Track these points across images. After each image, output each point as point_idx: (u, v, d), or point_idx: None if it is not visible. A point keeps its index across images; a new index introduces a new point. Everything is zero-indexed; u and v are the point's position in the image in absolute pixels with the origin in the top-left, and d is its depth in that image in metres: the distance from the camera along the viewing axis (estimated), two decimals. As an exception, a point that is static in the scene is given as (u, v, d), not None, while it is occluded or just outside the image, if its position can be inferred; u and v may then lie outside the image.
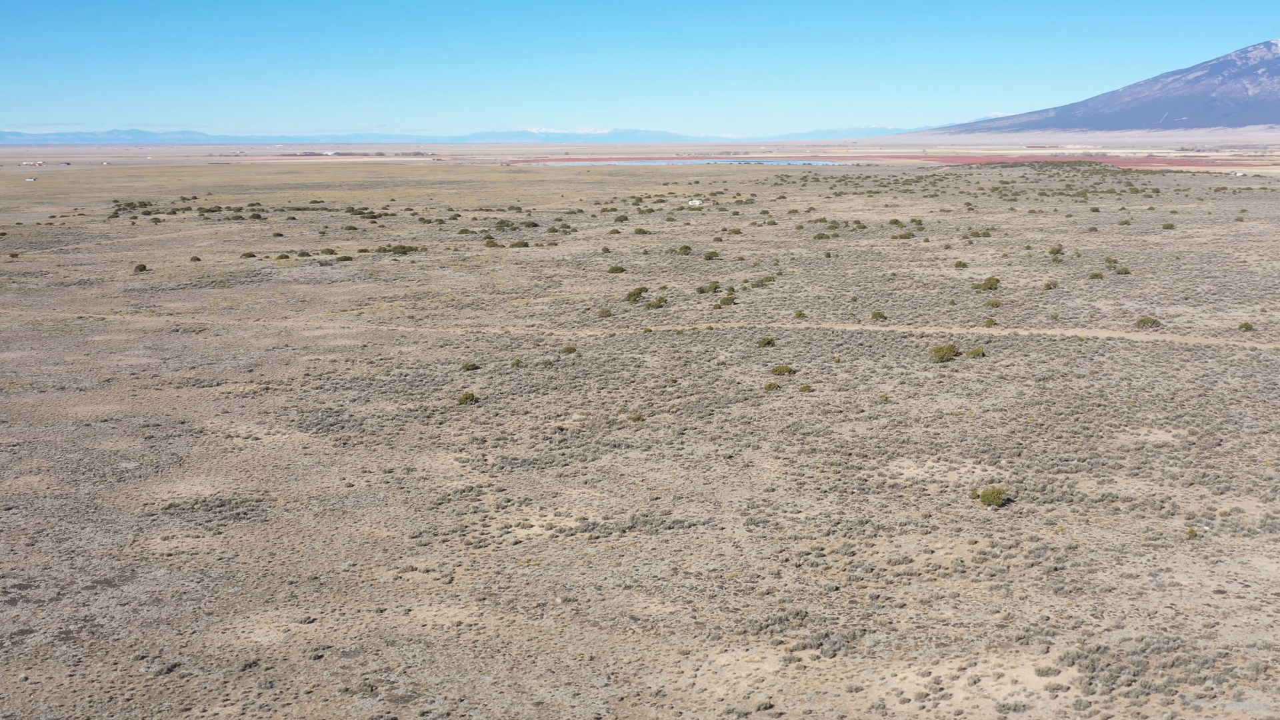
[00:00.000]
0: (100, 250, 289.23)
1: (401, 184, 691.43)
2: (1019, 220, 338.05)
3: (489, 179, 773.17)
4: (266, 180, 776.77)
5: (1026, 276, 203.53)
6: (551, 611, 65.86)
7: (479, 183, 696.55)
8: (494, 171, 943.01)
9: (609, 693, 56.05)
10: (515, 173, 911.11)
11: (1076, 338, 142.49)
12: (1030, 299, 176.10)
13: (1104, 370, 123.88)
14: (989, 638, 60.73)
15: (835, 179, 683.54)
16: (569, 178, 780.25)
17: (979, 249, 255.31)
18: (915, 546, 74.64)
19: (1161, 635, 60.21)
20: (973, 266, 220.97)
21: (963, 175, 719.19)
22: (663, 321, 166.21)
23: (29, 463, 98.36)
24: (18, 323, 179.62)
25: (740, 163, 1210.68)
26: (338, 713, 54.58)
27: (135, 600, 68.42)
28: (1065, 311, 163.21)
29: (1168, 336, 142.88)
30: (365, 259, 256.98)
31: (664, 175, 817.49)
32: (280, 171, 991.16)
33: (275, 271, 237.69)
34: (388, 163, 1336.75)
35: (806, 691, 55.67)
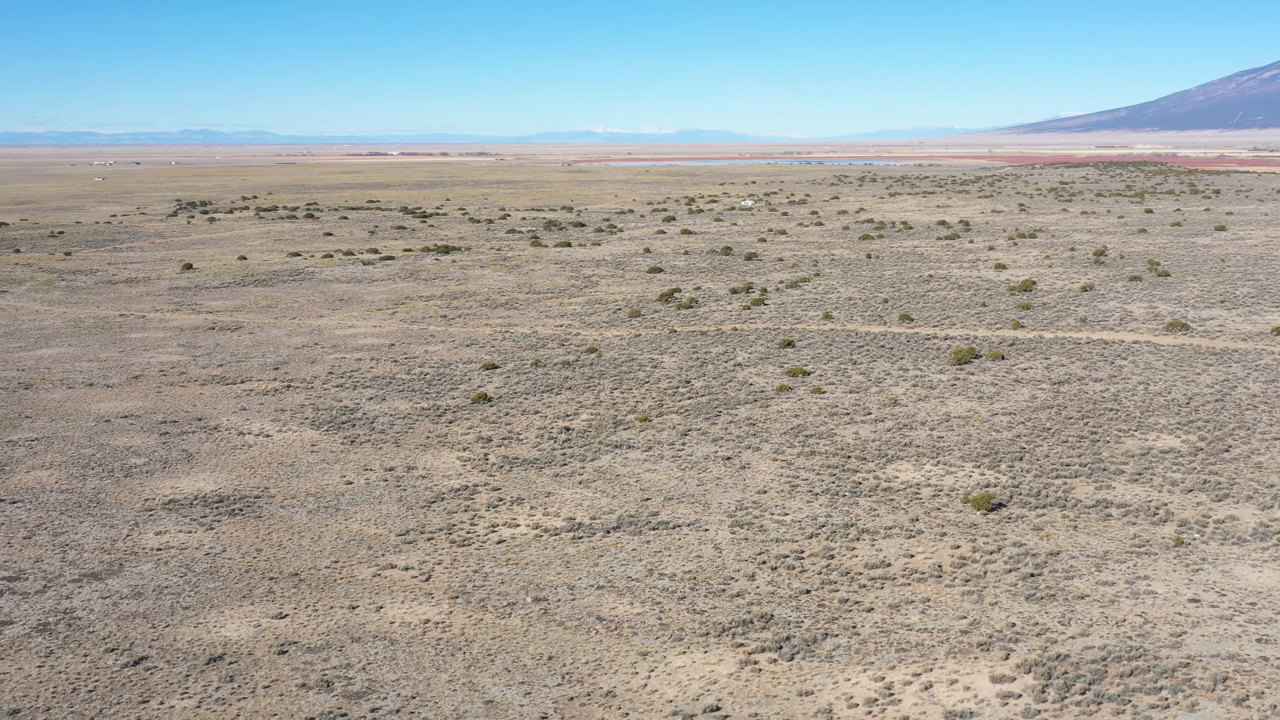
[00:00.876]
0: (153, 249, 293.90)
1: (459, 184, 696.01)
2: (1069, 221, 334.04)
3: (547, 179, 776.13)
4: (328, 180, 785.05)
5: (1064, 279, 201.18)
6: (520, 611, 66.24)
7: (536, 183, 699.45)
8: (553, 171, 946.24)
9: (560, 692, 56.32)
10: (574, 173, 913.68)
11: (1102, 341, 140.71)
12: (1063, 301, 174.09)
13: (1123, 374, 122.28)
14: (950, 644, 60.29)
15: (893, 179, 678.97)
16: (627, 178, 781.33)
17: (1022, 250, 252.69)
18: (896, 550, 74.21)
19: (1126, 644, 59.47)
20: (1012, 268, 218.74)
21: (1023, 176, 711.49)
22: (690, 322, 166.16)
23: (43, 457, 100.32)
24: (61, 320, 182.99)
25: (802, 163, 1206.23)
26: (290, 707, 55.29)
27: (117, 594, 69.65)
28: (1096, 314, 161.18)
29: (1196, 340, 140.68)
30: (408, 258, 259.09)
31: (723, 175, 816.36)
32: (343, 171, 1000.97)
33: (318, 270, 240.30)
34: (450, 162, 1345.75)
35: (756, 695, 55.59)
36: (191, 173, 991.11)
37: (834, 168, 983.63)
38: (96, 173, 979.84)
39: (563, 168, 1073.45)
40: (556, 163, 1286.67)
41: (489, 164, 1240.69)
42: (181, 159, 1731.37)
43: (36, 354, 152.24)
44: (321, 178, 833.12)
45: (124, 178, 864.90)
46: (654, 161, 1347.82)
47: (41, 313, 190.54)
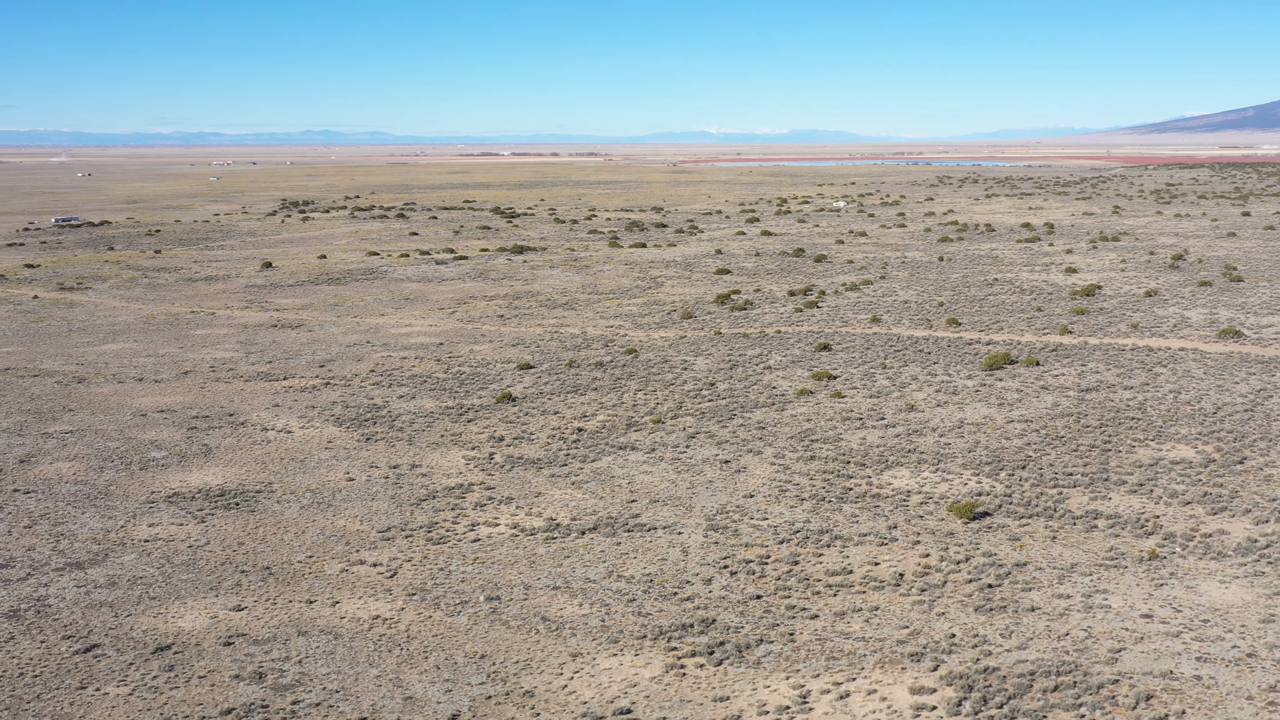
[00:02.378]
0: (242, 247, 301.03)
1: (560, 184, 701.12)
2: (1160, 224, 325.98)
3: (649, 179, 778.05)
4: (433, 180, 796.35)
5: (1132, 283, 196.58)
6: (470, 609, 67.03)
7: (637, 183, 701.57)
8: (657, 172, 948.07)
9: (481, 690, 56.97)
10: (678, 173, 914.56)
11: (1147, 348, 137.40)
12: (1122, 307, 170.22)
13: (1156, 382, 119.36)
14: (883, 653, 59.70)
15: (995, 181, 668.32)
16: (729, 178, 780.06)
17: (1100, 254, 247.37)
18: (863, 558, 73.57)
19: (1061, 658, 58.34)
20: (1083, 272, 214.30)
21: (1131, 177, 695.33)
22: (740, 324, 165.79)
23: (70, 450, 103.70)
24: (134, 316, 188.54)
25: (910, 163, 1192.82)
26: (217, 697, 56.72)
27: (93, 583, 71.92)
28: (1151, 320, 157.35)
29: (1246, 348, 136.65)
30: (481, 258, 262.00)
31: (826, 176, 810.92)
32: (450, 171, 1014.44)
33: (391, 269, 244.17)
34: (557, 163, 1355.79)
35: (672, 699, 55.67)
36: (304, 172, 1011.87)
37: (941, 169, 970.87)
38: (212, 172, 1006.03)
39: (667, 168, 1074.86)
40: (662, 163, 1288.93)
41: (595, 164, 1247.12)
42: (298, 159, 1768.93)
43: (100, 349, 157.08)
44: (427, 178, 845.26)
45: (238, 177, 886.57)
46: (761, 162, 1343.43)
47: (118, 309, 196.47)
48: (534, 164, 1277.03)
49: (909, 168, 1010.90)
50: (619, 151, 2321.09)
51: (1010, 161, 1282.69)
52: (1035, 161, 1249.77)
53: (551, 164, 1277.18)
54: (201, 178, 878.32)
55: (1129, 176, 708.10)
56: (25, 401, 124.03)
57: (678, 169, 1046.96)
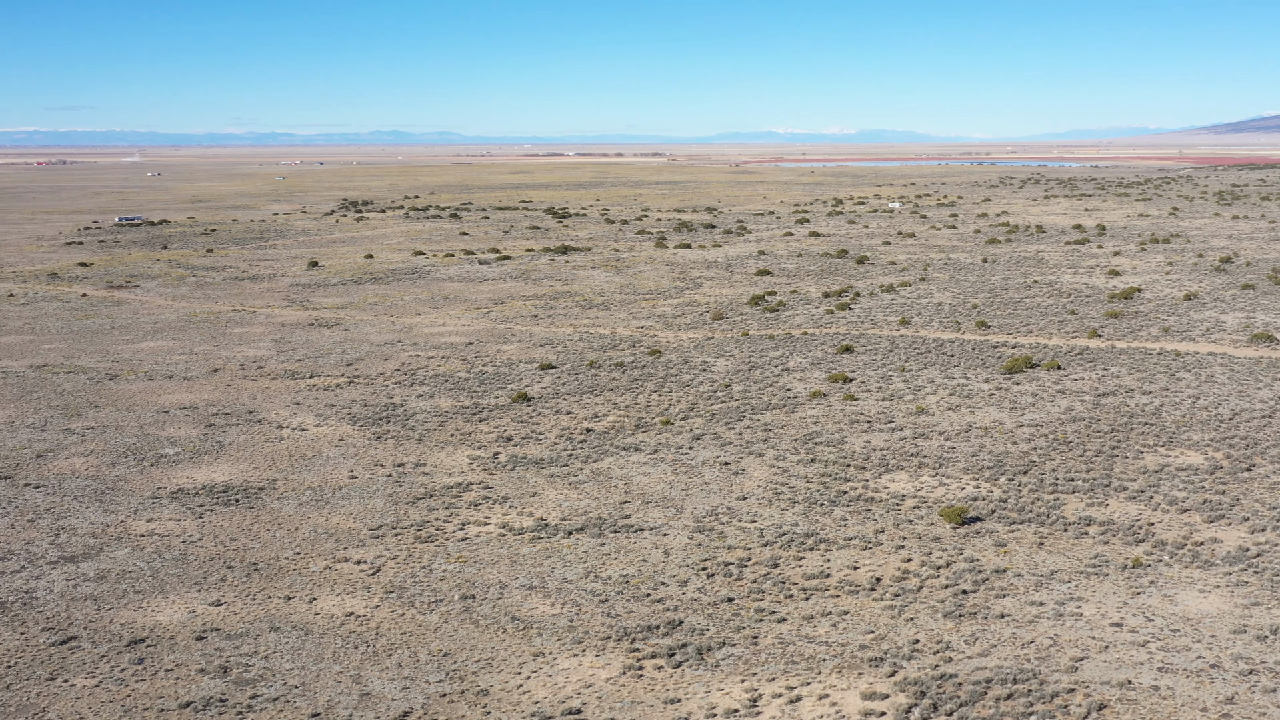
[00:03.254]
0: (293, 246, 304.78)
1: (618, 184, 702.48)
2: (1215, 226, 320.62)
3: (709, 179, 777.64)
4: (494, 180, 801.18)
5: (1174, 286, 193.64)
6: (443, 608, 67.61)
7: (696, 183, 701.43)
8: (718, 172, 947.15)
9: (437, 688, 57.49)
10: (738, 173, 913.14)
11: (1175, 352, 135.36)
12: (1158, 310, 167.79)
13: (1177, 387, 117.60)
14: (843, 658, 59.49)
15: (1057, 182, 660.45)
16: (789, 179, 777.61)
17: (1148, 256, 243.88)
18: (844, 562, 73.29)
19: (1021, 666, 57.80)
20: (1126, 275, 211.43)
21: (1198, 178, 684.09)
22: (770, 325, 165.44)
23: (88, 445, 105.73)
24: (176, 314, 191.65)
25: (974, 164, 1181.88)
26: (179, 690, 57.71)
27: (82, 576, 73.36)
28: (1184, 324, 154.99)
29: (1276, 353, 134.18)
30: (525, 258, 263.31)
31: (887, 177, 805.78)
32: (513, 171, 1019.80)
33: (434, 269, 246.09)
34: (621, 163, 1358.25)
35: (623, 700, 55.85)
36: (368, 172, 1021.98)
37: (1005, 169, 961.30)
38: (278, 172, 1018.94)
39: (730, 168, 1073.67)
40: (726, 163, 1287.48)
41: (657, 165, 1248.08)
42: (365, 159, 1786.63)
43: (138, 346, 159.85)
44: (489, 178, 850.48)
45: (303, 177, 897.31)
46: (825, 162, 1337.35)
47: (163, 307, 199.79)
48: (597, 164, 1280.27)
49: (973, 168, 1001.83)
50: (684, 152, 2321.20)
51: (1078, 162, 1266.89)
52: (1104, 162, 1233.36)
53: (614, 164, 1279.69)
54: (267, 178, 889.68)
55: (1195, 177, 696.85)
56: (55, 397, 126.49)
57: (739, 169, 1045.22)
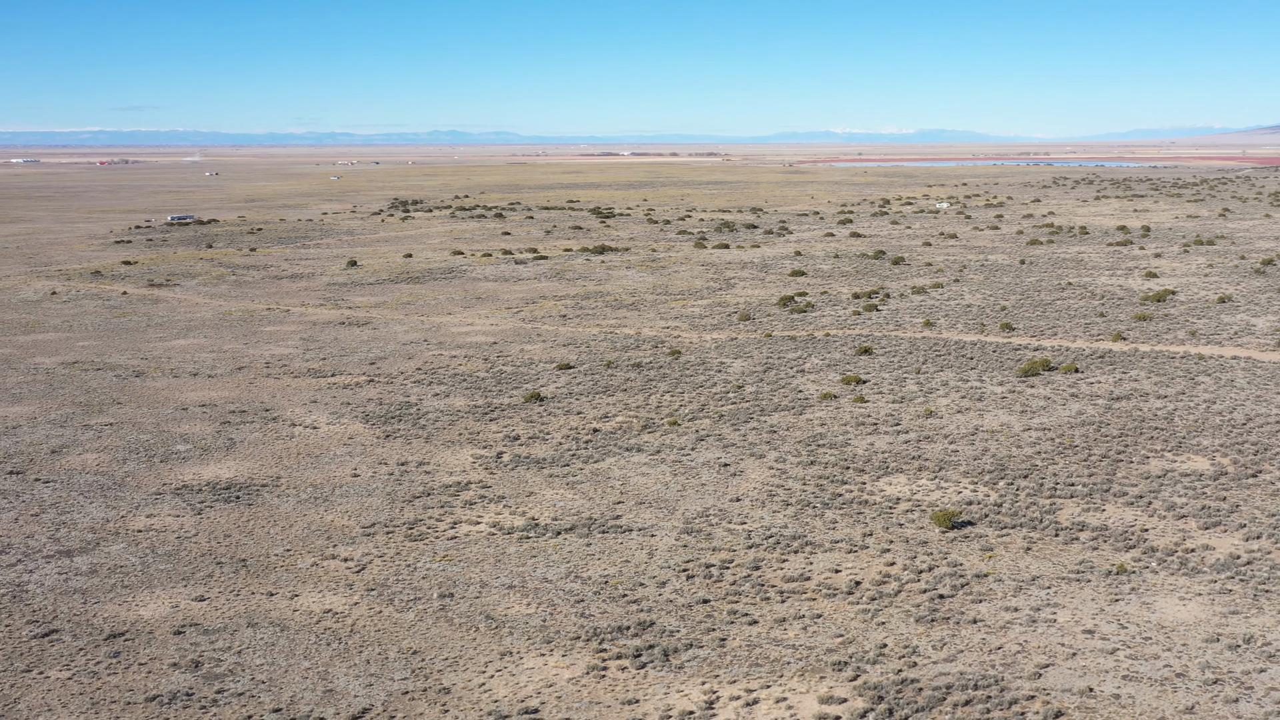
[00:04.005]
0: (336, 246, 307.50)
1: (669, 184, 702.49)
2: (1264, 228, 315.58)
3: (760, 179, 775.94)
4: (546, 180, 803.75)
5: (1209, 289, 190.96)
6: (420, 606, 68.14)
7: (746, 184, 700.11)
8: (771, 172, 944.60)
9: (400, 686, 57.98)
10: (791, 173, 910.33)
11: (1198, 355, 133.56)
12: (1189, 313, 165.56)
13: (1194, 391, 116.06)
14: (807, 662, 59.34)
15: (1111, 182, 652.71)
16: (840, 179, 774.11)
17: (1189, 258, 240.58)
18: (826, 565, 73.06)
19: (984, 672, 57.39)
20: (1163, 277, 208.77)
21: (1256, 179, 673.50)
22: (796, 326, 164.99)
23: (103, 441, 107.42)
24: (212, 312, 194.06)
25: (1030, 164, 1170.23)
26: (148, 684, 58.60)
27: (75, 571, 74.60)
28: (1213, 327, 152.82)
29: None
30: (562, 258, 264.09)
31: (940, 177, 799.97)
32: (565, 171, 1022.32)
33: (470, 269, 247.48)
34: (674, 163, 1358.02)
35: (582, 700, 56.06)
36: (422, 172, 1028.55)
37: (1061, 169, 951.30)
38: (334, 172, 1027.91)
39: (783, 168, 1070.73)
40: (779, 163, 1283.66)
41: (711, 165, 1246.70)
42: (421, 159, 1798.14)
43: (170, 344, 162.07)
44: (542, 177, 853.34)
45: (357, 177, 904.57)
46: (880, 163, 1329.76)
47: (199, 305, 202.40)
48: (650, 164, 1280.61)
49: (1028, 169, 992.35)
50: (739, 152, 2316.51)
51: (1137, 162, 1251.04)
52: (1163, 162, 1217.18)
53: (668, 164, 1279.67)
54: (323, 177, 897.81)
55: (1254, 178, 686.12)
56: (80, 394, 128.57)
57: (792, 169, 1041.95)
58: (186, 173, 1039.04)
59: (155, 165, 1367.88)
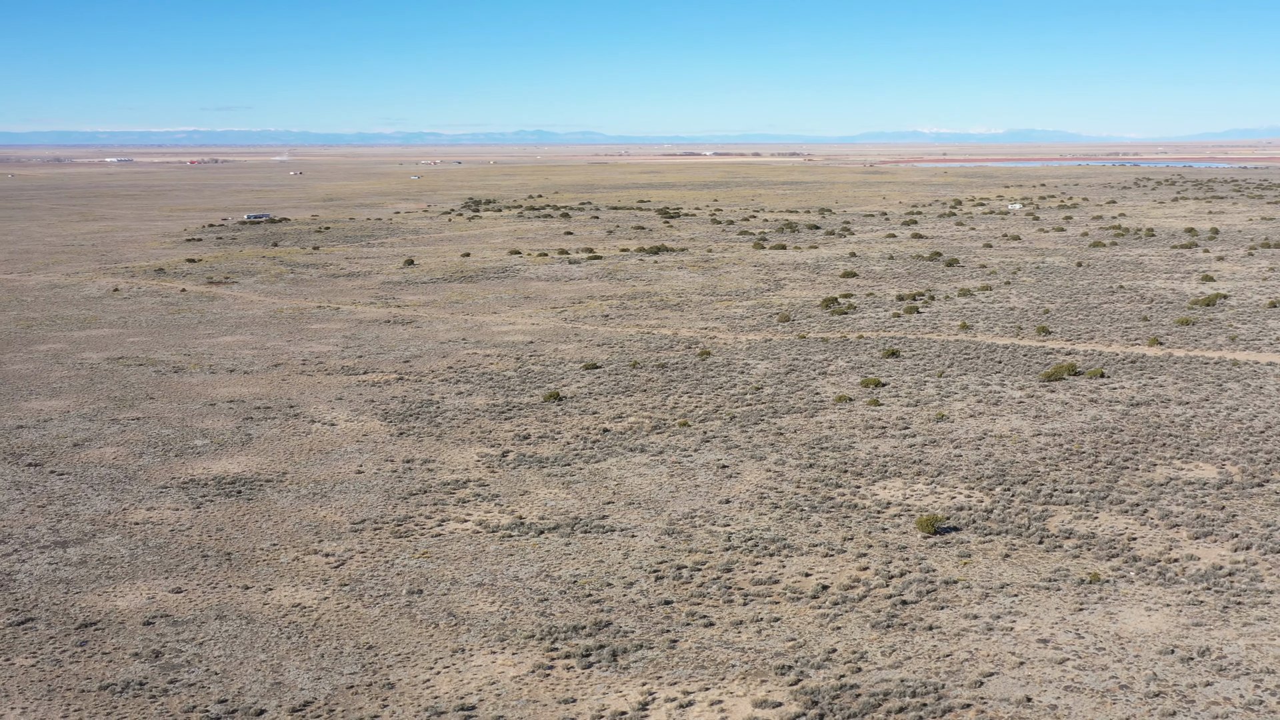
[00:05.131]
0: (399, 245, 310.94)
1: (744, 184, 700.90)
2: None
3: (838, 179, 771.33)
4: (622, 180, 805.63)
5: (1264, 293, 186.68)
6: (387, 601, 69.02)
7: (822, 184, 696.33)
8: (850, 173, 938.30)
9: (347, 680, 58.84)
10: (870, 173, 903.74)
11: (1232, 361, 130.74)
12: (1235, 318, 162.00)
13: (1218, 398, 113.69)
14: (753, 665, 59.25)
15: (1194, 183, 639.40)
16: (918, 179, 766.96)
17: (1252, 262, 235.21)
18: (798, 569, 72.81)
19: (928, 679, 56.91)
20: (1220, 280, 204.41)
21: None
22: (833, 328, 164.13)
23: (125, 435, 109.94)
24: (264, 310, 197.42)
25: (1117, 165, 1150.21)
26: (106, 672, 60.05)
27: (65, 561, 76.55)
28: (1255, 333, 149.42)
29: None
30: (616, 258, 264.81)
31: (1021, 178, 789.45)
32: (643, 171, 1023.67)
33: (524, 268, 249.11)
34: (755, 163, 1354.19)
35: (520, 699, 56.50)
36: (502, 172, 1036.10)
37: (1146, 170, 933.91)
38: (415, 171, 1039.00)
39: (863, 169, 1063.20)
40: (861, 164, 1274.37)
41: (791, 165, 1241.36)
42: (504, 158, 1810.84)
43: (216, 341, 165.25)
44: (619, 177, 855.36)
45: (437, 176, 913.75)
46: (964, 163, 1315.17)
47: (254, 303, 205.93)
48: (730, 164, 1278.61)
49: (1113, 169, 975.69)
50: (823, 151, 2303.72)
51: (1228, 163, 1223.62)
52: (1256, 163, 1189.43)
53: (748, 164, 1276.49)
54: (403, 177, 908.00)
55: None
56: (117, 389, 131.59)
57: (873, 169, 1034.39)
58: (272, 172, 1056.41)
59: (243, 164, 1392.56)
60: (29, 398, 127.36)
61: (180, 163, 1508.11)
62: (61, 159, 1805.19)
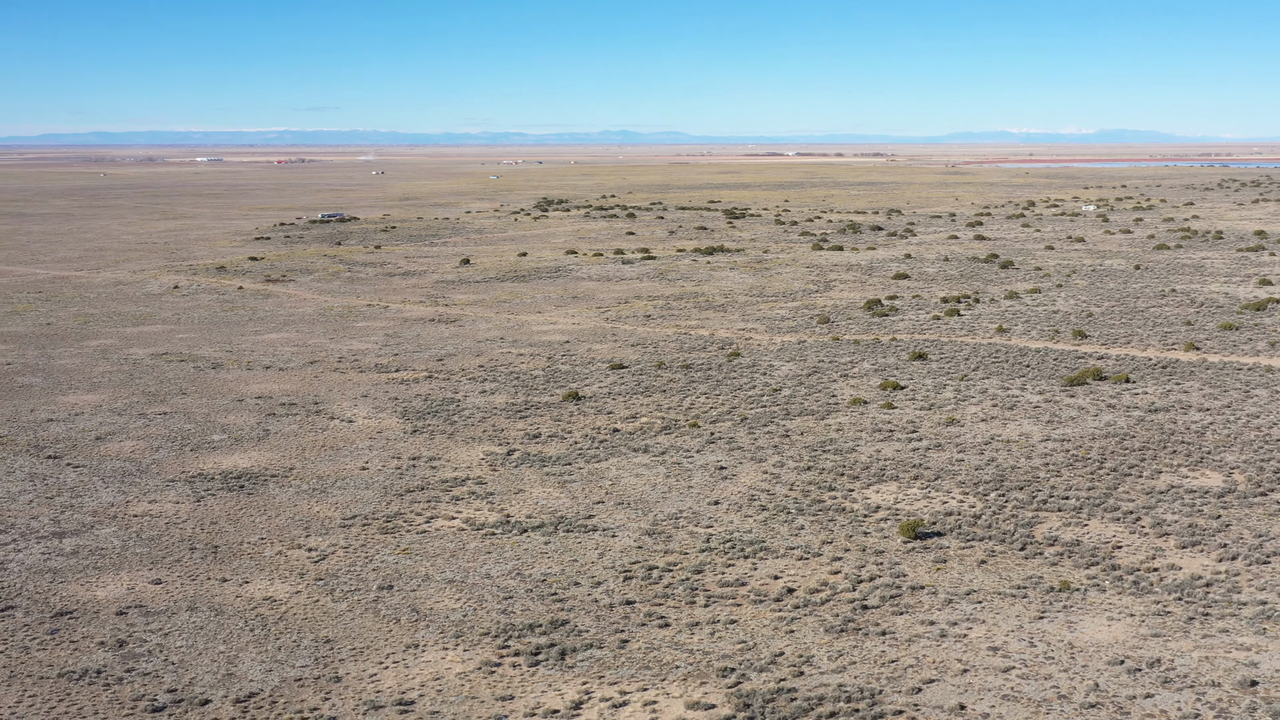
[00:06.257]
0: (462, 244, 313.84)
1: (819, 185, 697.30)
2: None
3: (915, 180, 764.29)
4: (699, 180, 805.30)
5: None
6: (355, 596, 70.03)
7: (898, 184, 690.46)
8: (929, 173, 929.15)
9: (296, 673, 59.85)
10: (949, 174, 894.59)
11: (1267, 367, 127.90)
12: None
13: (1241, 405, 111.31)
14: (697, 667, 59.31)
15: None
16: (998, 180, 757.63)
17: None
18: (770, 572, 72.69)
19: (864, 685, 56.60)
20: (1278, 285, 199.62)
21: None
22: (870, 330, 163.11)
23: (149, 430, 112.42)
24: (315, 308, 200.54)
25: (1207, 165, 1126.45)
26: (68, 660, 61.66)
27: (58, 552, 78.59)
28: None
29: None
30: (671, 259, 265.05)
31: (1103, 179, 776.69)
32: (722, 171, 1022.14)
33: (578, 268, 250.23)
34: (836, 164, 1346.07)
35: (460, 695, 57.10)
36: (581, 172, 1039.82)
37: (1235, 171, 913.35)
38: (494, 171, 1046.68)
39: (944, 169, 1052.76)
40: (943, 164, 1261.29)
41: (871, 165, 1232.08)
42: (585, 158, 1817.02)
43: (261, 338, 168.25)
44: (696, 178, 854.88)
45: (516, 176, 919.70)
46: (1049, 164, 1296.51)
47: (305, 301, 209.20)
48: (810, 165, 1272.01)
49: (1200, 170, 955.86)
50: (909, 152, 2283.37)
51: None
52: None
53: (829, 165, 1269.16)
54: (483, 176, 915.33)
55: None
56: (152, 384, 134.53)
57: (953, 170, 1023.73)
58: (355, 171, 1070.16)
59: (329, 164, 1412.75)
60: (68, 391, 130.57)
61: (268, 162, 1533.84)
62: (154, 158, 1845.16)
